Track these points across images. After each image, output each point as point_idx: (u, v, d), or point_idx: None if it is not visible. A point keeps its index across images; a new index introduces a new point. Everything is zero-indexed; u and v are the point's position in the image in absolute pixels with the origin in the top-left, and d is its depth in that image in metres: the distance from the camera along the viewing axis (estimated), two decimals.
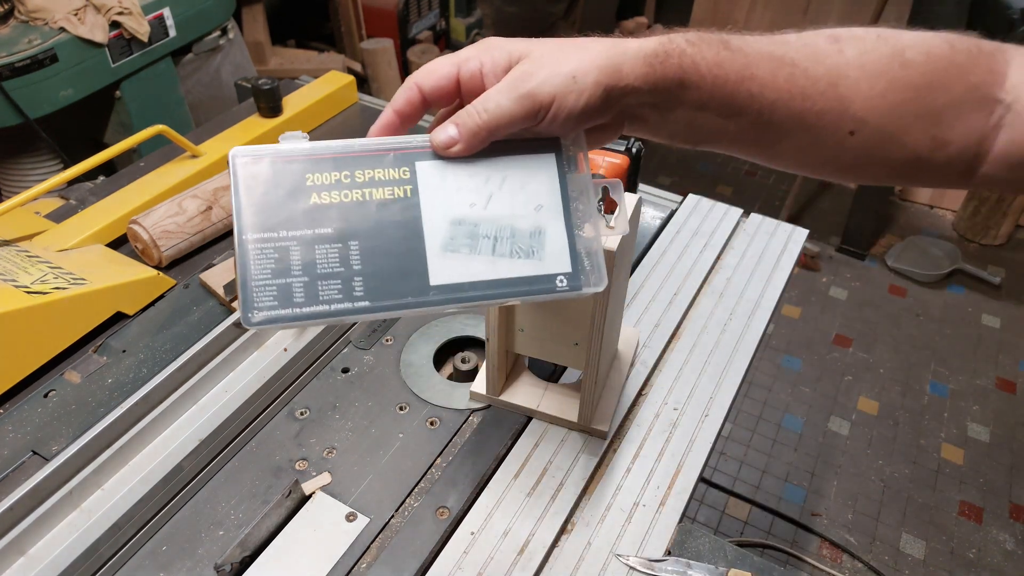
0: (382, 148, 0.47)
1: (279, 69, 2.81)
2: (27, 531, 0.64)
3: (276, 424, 0.82)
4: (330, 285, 0.44)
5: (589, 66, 0.45)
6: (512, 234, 0.47)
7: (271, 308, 0.43)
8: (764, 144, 0.51)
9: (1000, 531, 1.76)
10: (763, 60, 0.47)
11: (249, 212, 0.44)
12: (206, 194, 1.04)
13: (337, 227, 0.45)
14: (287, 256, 0.44)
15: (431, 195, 0.46)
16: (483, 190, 0.47)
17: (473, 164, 0.47)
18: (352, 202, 0.45)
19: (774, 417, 2.03)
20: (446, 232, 0.46)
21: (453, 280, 0.46)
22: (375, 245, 0.45)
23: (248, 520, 0.71)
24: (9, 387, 0.83)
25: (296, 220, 0.44)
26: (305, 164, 0.45)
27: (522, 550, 0.69)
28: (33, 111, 1.53)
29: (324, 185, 0.45)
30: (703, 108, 0.48)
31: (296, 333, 0.87)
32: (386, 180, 0.46)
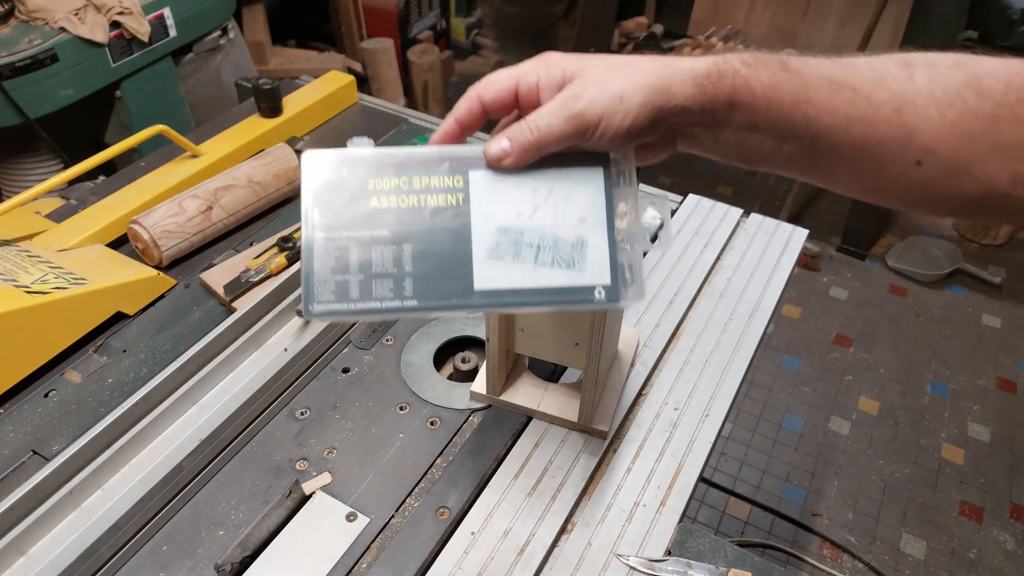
0: (440, 157, 0.49)
1: (279, 69, 2.81)
2: (27, 531, 0.64)
3: (276, 424, 0.82)
4: (383, 284, 0.47)
5: (637, 86, 0.46)
6: (555, 244, 0.49)
7: (329, 302, 0.47)
8: (820, 169, 0.50)
9: (1000, 531, 1.76)
10: (821, 83, 0.46)
11: (316, 211, 0.48)
12: (206, 194, 1.04)
13: (393, 230, 0.48)
14: (346, 255, 0.47)
15: (481, 203, 0.49)
16: (530, 200, 0.49)
17: (523, 175, 0.49)
18: (408, 207, 0.48)
19: (774, 417, 2.03)
20: (492, 239, 0.48)
21: (496, 286, 0.48)
22: (426, 248, 0.47)
23: (248, 520, 0.71)
24: (9, 387, 0.83)
25: (356, 222, 0.48)
26: (369, 169, 0.48)
27: (522, 550, 0.69)
28: (33, 111, 1.53)
29: (384, 190, 0.48)
30: (754, 129, 0.48)
31: (297, 333, 0.87)
32: (441, 187, 0.48)
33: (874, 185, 0.49)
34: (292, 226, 1.07)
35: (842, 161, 0.48)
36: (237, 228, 1.10)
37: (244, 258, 1.02)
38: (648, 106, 0.46)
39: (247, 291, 0.96)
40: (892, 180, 0.48)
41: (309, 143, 1.28)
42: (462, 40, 3.62)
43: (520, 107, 0.51)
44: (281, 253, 1.00)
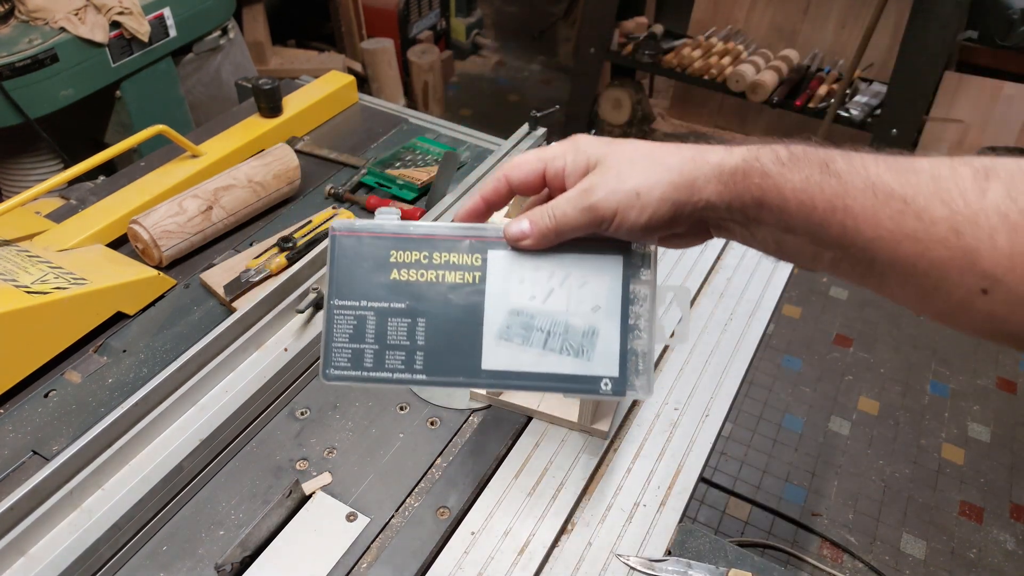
0: (462, 234, 0.50)
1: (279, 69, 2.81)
2: (27, 531, 0.64)
3: (276, 424, 0.82)
4: (395, 356, 0.49)
5: (657, 182, 0.45)
6: (565, 330, 0.49)
7: (345, 368, 0.49)
8: (873, 281, 0.44)
9: (1001, 531, 1.76)
10: (865, 190, 0.41)
11: (338, 280, 0.50)
12: (206, 194, 1.04)
13: (410, 303, 0.49)
14: (364, 324, 0.49)
15: (496, 283, 0.49)
16: (545, 284, 0.49)
17: (541, 258, 0.50)
18: (427, 282, 0.49)
19: (774, 417, 2.03)
20: (503, 320, 0.49)
21: (502, 367, 0.49)
22: (439, 324, 0.49)
23: (248, 520, 0.71)
24: (9, 387, 0.83)
25: (376, 293, 0.49)
26: (393, 242, 0.50)
27: (522, 550, 0.69)
28: (33, 111, 1.53)
29: (406, 263, 0.50)
30: (790, 231, 0.44)
31: (297, 333, 0.87)
32: (460, 264, 0.50)
33: (938, 308, 0.42)
34: (292, 226, 1.07)
35: (894, 278, 0.43)
36: (237, 228, 1.10)
37: (244, 258, 1.02)
38: (667, 202, 0.45)
39: (247, 291, 0.96)
40: (952, 306, 0.41)
41: (309, 143, 1.28)
42: (462, 40, 3.62)
43: (549, 189, 0.51)
44: (281, 253, 1.00)
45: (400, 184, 1.16)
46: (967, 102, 2.59)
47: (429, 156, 1.23)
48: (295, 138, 1.28)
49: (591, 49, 2.74)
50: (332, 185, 1.16)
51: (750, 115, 3.12)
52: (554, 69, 3.66)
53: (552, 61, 3.72)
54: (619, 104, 2.98)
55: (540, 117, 1.26)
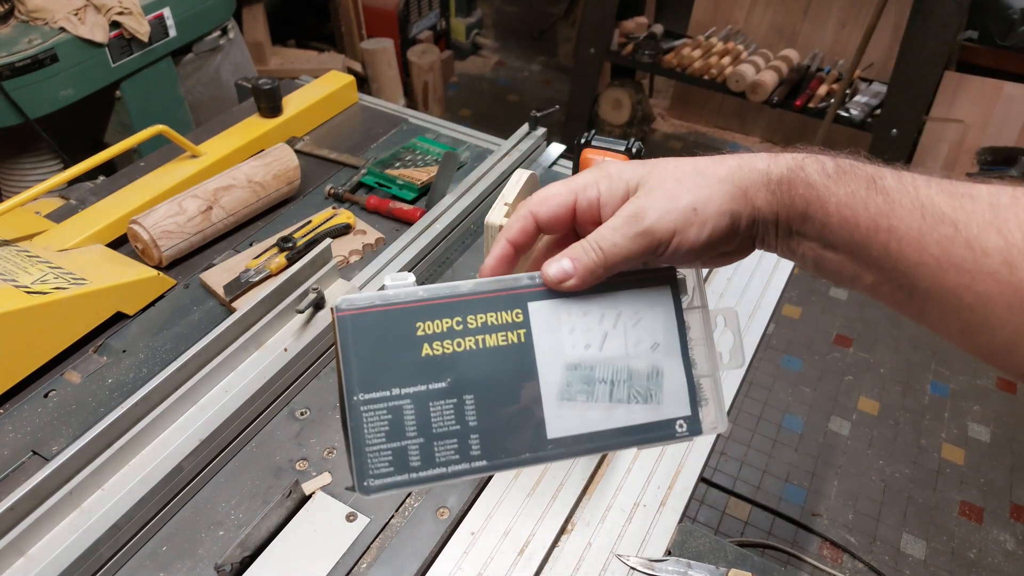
0: (493, 289, 0.43)
1: (279, 69, 2.81)
2: (27, 531, 0.64)
3: (276, 424, 0.82)
4: (447, 445, 0.41)
5: (712, 194, 0.42)
6: (629, 376, 0.44)
7: (387, 475, 0.40)
8: (914, 308, 0.41)
9: (1001, 531, 1.76)
10: (911, 212, 0.39)
11: (358, 370, 0.41)
12: (206, 194, 1.04)
13: (452, 379, 0.42)
14: (401, 416, 0.41)
15: (545, 338, 0.43)
16: (597, 329, 0.44)
17: (585, 300, 0.44)
18: (466, 351, 0.42)
19: (774, 417, 2.03)
20: (562, 378, 0.43)
21: (571, 432, 0.43)
22: (491, 397, 0.42)
23: (248, 520, 0.71)
24: (9, 387, 0.83)
25: (409, 375, 0.41)
26: (414, 311, 0.42)
27: (522, 550, 0.69)
28: (33, 111, 1.53)
29: (436, 334, 0.42)
30: (831, 248, 0.42)
31: (297, 333, 0.86)
32: (499, 324, 0.43)
33: (982, 346, 0.39)
34: (292, 226, 1.07)
35: (936, 309, 0.39)
36: (237, 228, 1.10)
37: (244, 258, 1.02)
38: (726, 214, 0.42)
39: (247, 291, 0.96)
40: (1002, 346, 0.38)
41: (309, 143, 1.28)
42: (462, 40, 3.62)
43: (578, 224, 0.46)
44: (281, 253, 1.00)
45: (400, 184, 1.16)
46: (967, 102, 2.59)
47: (429, 156, 1.23)
48: (295, 138, 1.28)
49: (591, 49, 2.74)
50: (332, 185, 1.16)
51: (750, 115, 3.12)
52: (554, 69, 3.66)
53: (552, 61, 3.72)
54: (619, 104, 2.98)
55: (540, 117, 1.26)
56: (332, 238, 1.02)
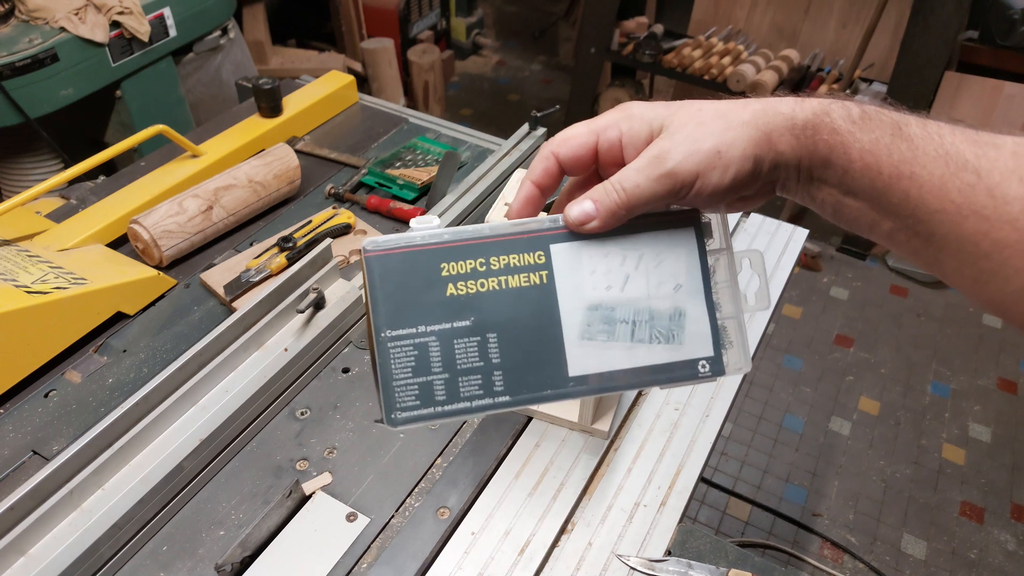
0: (515, 232, 0.44)
1: (280, 69, 2.81)
2: (27, 531, 0.64)
3: (277, 424, 0.82)
4: (471, 381, 0.43)
5: (735, 138, 0.42)
6: (651, 317, 0.44)
7: (414, 408, 0.42)
8: (929, 256, 0.41)
9: (1001, 531, 1.76)
10: (935, 159, 0.39)
11: (385, 308, 0.43)
12: (207, 194, 1.03)
13: (475, 318, 0.43)
14: (426, 352, 0.43)
15: (567, 279, 0.44)
16: (619, 271, 0.45)
17: (607, 243, 0.45)
18: (489, 291, 0.43)
19: (775, 417, 2.03)
20: (583, 318, 0.44)
21: (592, 370, 0.44)
22: (513, 336, 0.43)
23: (249, 520, 0.71)
24: (9, 387, 0.83)
25: (434, 313, 0.43)
26: (439, 252, 0.43)
27: (523, 550, 0.69)
28: (33, 111, 1.53)
29: (460, 275, 0.43)
30: (851, 194, 0.42)
31: (297, 333, 0.86)
32: (521, 266, 0.44)
33: (992, 295, 0.39)
34: (292, 226, 1.06)
35: (951, 256, 0.40)
36: (237, 228, 1.10)
37: (244, 258, 1.02)
38: (749, 158, 0.42)
39: (247, 291, 0.96)
40: (1013, 295, 0.38)
41: (309, 143, 1.28)
42: (462, 40, 3.62)
43: (600, 165, 0.47)
44: (281, 253, 1.00)
45: (400, 184, 1.16)
46: (967, 102, 2.59)
47: (429, 156, 1.23)
48: (295, 138, 1.28)
49: (591, 49, 2.74)
50: (332, 185, 1.16)
51: None
52: (554, 69, 3.66)
53: (552, 61, 3.72)
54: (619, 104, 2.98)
55: (540, 117, 1.26)
56: (332, 238, 1.02)
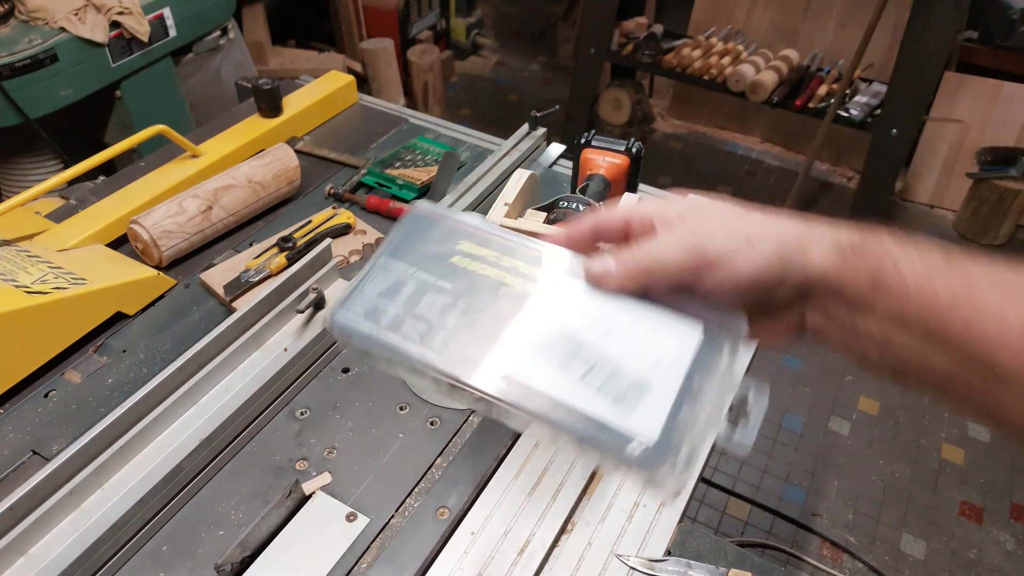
0: (540, 249, 0.46)
1: (279, 69, 2.81)
2: (27, 531, 0.64)
3: (276, 424, 0.82)
4: (416, 325, 0.44)
5: (770, 233, 0.40)
6: (613, 373, 0.41)
7: (356, 319, 0.44)
8: (983, 397, 0.38)
9: (1001, 531, 1.76)
10: (989, 285, 0.37)
11: (393, 244, 0.47)
12: (206, 194, 1.04)
13: (457, 287, 0.45)
14: (400, 287, 0.45)
15: (555, 300, 0.44)
16: (607, 322, 0.43)
17: (614, 296, 0.44)
18: (483, 275, 0.45)
19: (775, 417, 2.03)
20: (548, 336, 0.43)
21: (523, 380, 0.41)
22: (474, 315, 0.44)
23: (248, 520, 0.71)
24: (9, 387, 0.83)
25: (429, 266, 0.46)
26: (466, 232, 0.47)
27: (522, 550, 0.69)
28: (33, 111, 1.53)
29: (470, 254, 0.46)
30: (901, 323, 0.38)
31: (297, 333, 0.86)
32: (525, 273, 0.45)
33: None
34: (292, 226, 1.06)
35: (1016, 392, 0.36)
36: (237, 228, 1.10)
37: (244, 258, 1.02)
38: (779, 258, 0.40)
39: (247, 291, 0.96)
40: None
41: (309, 143, 1.28)
42: (462, 40, 3.62)
43: (632, 239, 0.45)
44: (281, 253, 1.00)
45: (400, 184, 1.16)
46: (967, 102, 2.59)
47: (429, 156, 1.23)
48: (295, 138, 1.28)
49: (591, 49, 2.74)
50: (332, 185, 1.16)
51: (750, 115, 3.12)
52: (554, 69, 3.66)
53: (552, 61, 3.72)
54: (619, 104, 2.98)
55: (540, 117, 1.26)
56: (332, 238, 1.02)
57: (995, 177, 2.50)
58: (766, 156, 3.08)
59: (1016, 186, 2.47)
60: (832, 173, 2.99)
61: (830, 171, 2.99)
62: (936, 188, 2.77)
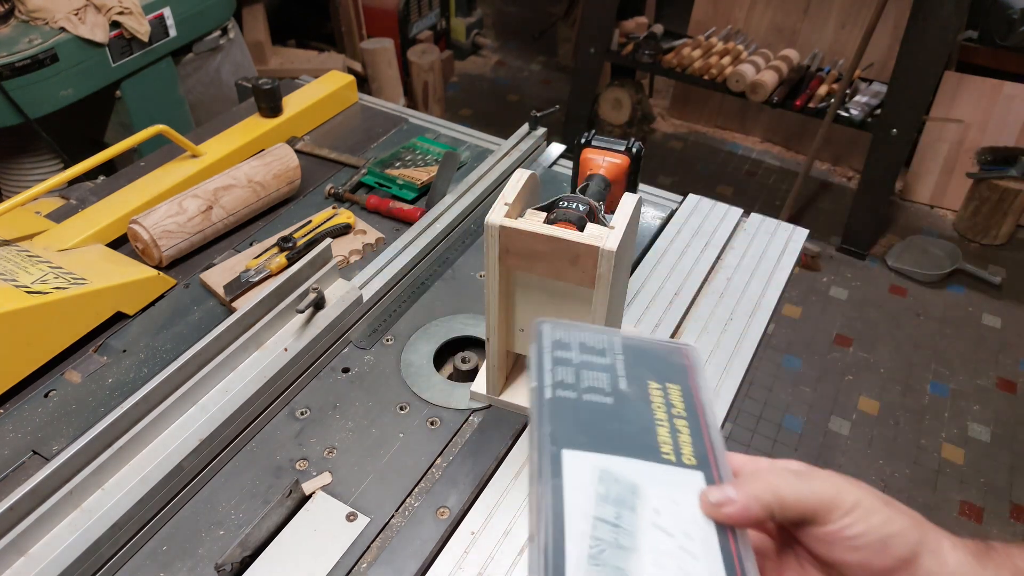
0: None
1: (279, 69, 2.81)
2: (27, 531, 0.64)
3: (276, 424, 0.82)
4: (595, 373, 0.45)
5: (911, 513, 0.40)
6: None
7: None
8: None
9: (1001, 531, 1.76)
10: None
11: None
12: (206, 194, 1.04)
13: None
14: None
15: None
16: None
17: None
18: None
19: (774, 417, 2.03)
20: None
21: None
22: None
23: (248, 520, 0.71)
24: (9, 387, 0.83)
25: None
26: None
27: (523, 550, 0.69)
28: (33, 111, 1.53)
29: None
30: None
31: (297, 333, 0.86)
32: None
33: None
34: (292, 226, 1.06)
35: None
36: (237, 228, 1.10)
37: (244, 258, 1.02)
38: (917, 527, 0.40)
39: (247, 291, 0.96)
40: None
41: (309, 143, 1.28)
42: (462, 40, 3.62)
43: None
44: (281, 253, 1.00)
45: (400, 184, 1.16)
46: (967, 102, 2.59)
47: (429, 156, 1.23)
48: (295, 138, 1.28)
49: (591, 49, 2.74)
50: (332, 185, 1.16)
51: (750, 115, 3.12)
52: (554, 69, 3.66)
53: (552, 61, 3.72)
54: (619, 104, 2.98)
55: (540, 117, 1.26)
56: (332, 238, 1.02)
57: (995, 177, 2.50)
58: (766, 156, 3.08)
59: (1016, 186, 2.47)
60: (832, 173, 2.99)
61: (830, 171, 2.99)
62: (936, 188, 2.77)
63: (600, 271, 0.64)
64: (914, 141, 2.67)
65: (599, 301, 0.66)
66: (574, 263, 0.65)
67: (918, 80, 2.23)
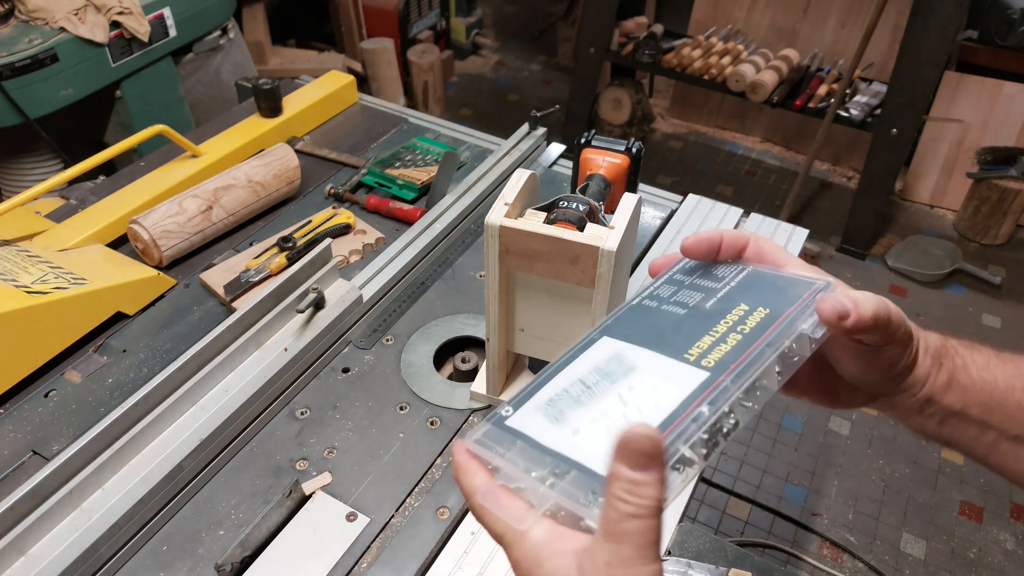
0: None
1: (279, 69, 2.81)
2: (27, 531, 0.64)
3: (276, 424, 0.82)
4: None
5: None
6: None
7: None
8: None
9: (1000, 531, 1.76)
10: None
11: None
12: (206, 194, 1.04)
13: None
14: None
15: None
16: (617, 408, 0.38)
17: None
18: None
19: (774, 417, 2.03)
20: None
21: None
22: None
23: (248, 520, 0.71)
24: (9, 387, 0.83)
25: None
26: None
27: None
28: (33, 111, 1.53)
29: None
30: (963, 412, 0.46)
31: (297, 333, 0.86)
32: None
33: None
34: (292, 226, 1.07)
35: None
36: (237, 228, 1.10)
37: (244, 258, 1.02)
38: (902, 319, 0.44)
39: (247, 291, 0.96)
40: None
41: (309, 143, 1.28)
42: (462, 40, 3.62)
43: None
44: (281, 253, 1.00)
45: (400, 184, 1.16)
46: (967, 102, 2.59)
47: (429, 156, 1.23)
48: (295, 138, 1.28)
49: (591, 49, 2.74)
50: (332, 185, 1.16)
51: (750, 115, 3.12)
52: (554, 69, 3.66)
53: (552, 61, 3.72)
54: (619, 104, 2.98)
55: (540, 117, 1.26)
56: (332, 238, 1.02)
57: (995, 177, 2.50)
58: (766, 156, 3.08)
59: (1016, 186, 2.47)
60: (832, 173, 2.99)
61: (830, 171, 2.99)
62: (936, 188, 2.77)
63: (600, 271, 0.65)
64: (914, 141, 2.67)
65: (599, 301, 0.67)
66: (574, 263, 0.66)
67: (918, 80, 2.23)
